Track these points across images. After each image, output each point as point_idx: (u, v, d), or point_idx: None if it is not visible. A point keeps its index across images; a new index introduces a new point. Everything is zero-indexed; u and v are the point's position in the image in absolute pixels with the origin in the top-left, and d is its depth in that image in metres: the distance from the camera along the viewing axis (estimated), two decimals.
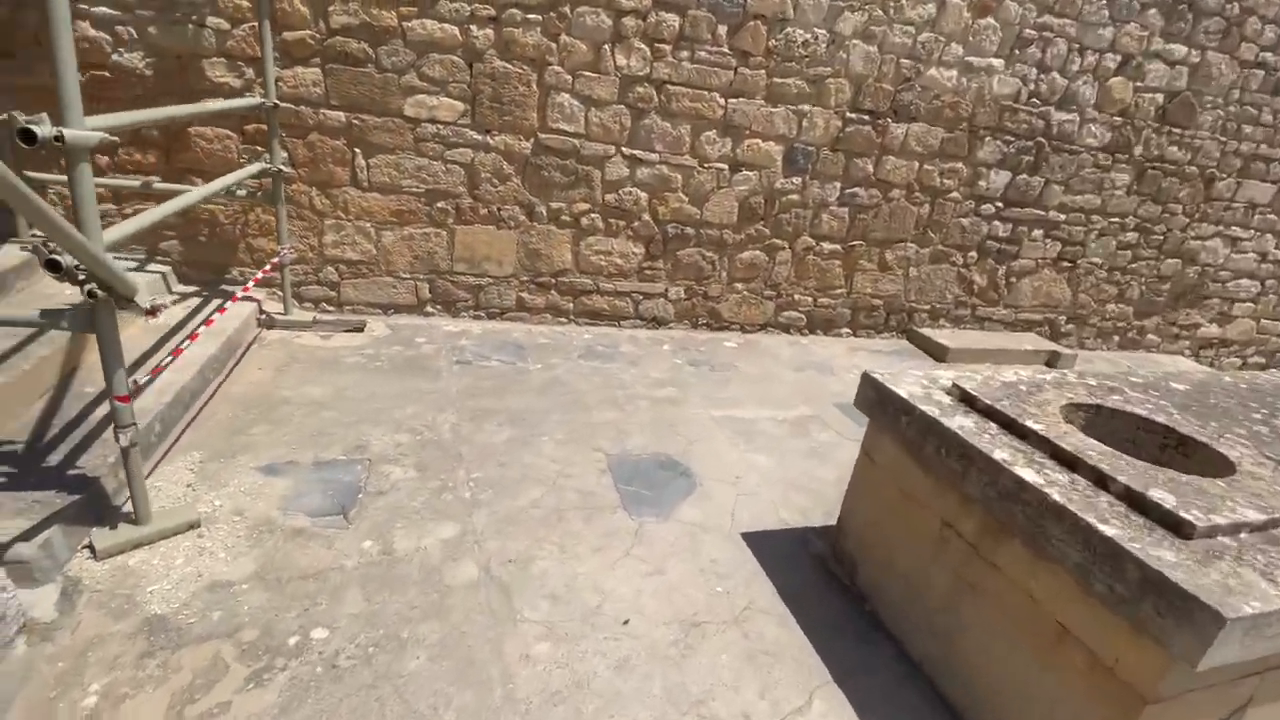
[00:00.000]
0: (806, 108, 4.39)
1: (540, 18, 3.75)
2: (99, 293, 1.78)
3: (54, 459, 2.20)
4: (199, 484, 2.44)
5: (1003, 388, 2.09)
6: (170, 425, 2.71)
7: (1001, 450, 1.75)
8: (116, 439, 1.96)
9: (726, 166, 4.42)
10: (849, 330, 5.28)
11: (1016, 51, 4.64)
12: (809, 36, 4.20)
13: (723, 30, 4.05)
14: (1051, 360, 5.34)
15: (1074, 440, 1.79)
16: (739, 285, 4.82)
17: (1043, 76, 4.77)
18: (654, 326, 4.74)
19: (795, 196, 4.65)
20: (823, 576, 2.40)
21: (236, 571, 2.05)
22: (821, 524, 2.68)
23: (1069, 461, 1.72)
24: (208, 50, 3.39)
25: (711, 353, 4.45)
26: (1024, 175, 5.08)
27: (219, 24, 3.35)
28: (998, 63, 4.63)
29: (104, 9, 3.19)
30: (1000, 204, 5.15)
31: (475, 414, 3.16)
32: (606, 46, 3.91)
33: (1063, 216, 5.36)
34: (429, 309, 4.26)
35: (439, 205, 4.01)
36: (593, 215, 4.30)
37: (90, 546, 2.01)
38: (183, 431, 2.74)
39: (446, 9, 3.61)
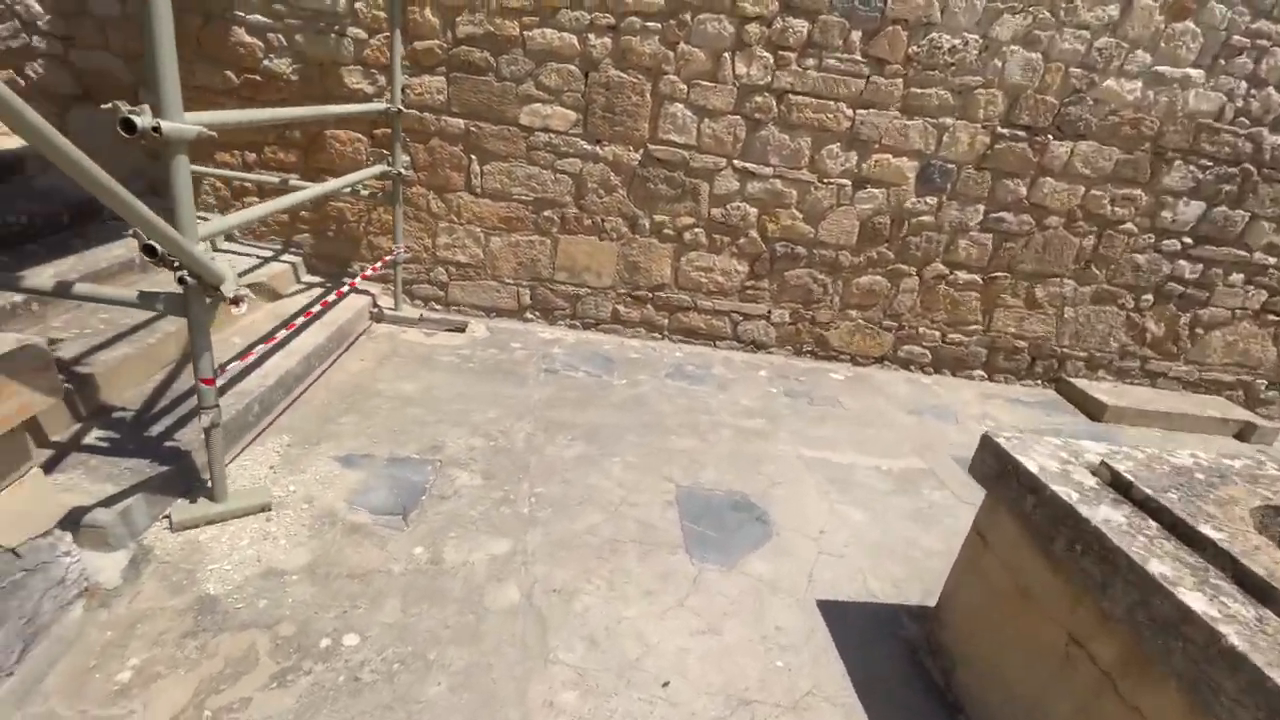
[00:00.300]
0: (949, 121, 3.93)
1: (659, 25, 3.65)
2: (189, 280, 1.86)
3: (155, 430, 2.37)
4: (281, 467, 2.53)
5: (1172, 474, 1.63)
6: (269, 407, 2.87)
7: (1162, 562, 1.33)
8: (200, 419, 2.05)
9: (849, 183, 4.05)
10: (983, 373, 4.66)
11: (1221, 61, 3.86)
12: (957, 42, 3.75)
13: (856, 36, 3.71)
14: (1244, 433, 4.38)
15: (1270, 560, 1.33)
16: (853, 312, 4.41)
17: (1255, 91, 3.93)
18: (752, 350, 4.45)
19: (928, 218, 4.18)
20: (910, 668, 2.02)
21: (291, 561, 2.07)
22: (918, 604, 2.28)
23: (1259, 590, 1.27)
24: (346, 58, 3.62)
25: (813, 384, 4.09)
26: (1223, 207, 4.21)
27: (357, 34, 3.57)
28: (1196, 74, 3.87)
29: (258, 17, 3.51)
30: (1189, 240, 4.31)
31: (551, 425, 3.08)
32: (726, 54, 3.72)
33: (1272, 259, 4.39)
34: (528, 315, 4.28)
35: (545, 214, 4.02)
36: (696, 230, 4.11)
37: (169, 517, 2.13)
38: (280, 414, 2.89)
39: (567, 18, 3.60)
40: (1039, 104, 3.91)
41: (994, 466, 1.83)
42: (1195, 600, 1.23)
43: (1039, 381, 4.71)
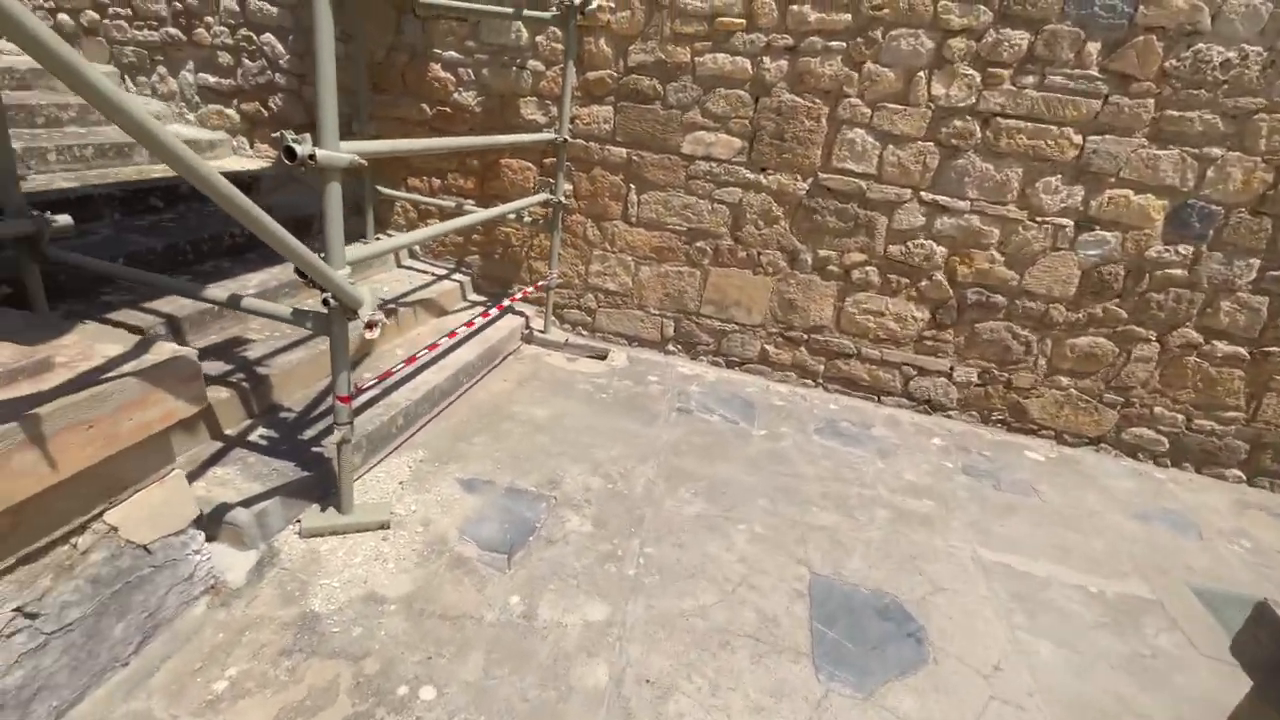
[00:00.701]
0: (1217, 151, 3.07)
1: (844, 45, 3.30)
2: (332, 302, 1.92)
3: (308, 433, 2.52)
4: (410, 483, 2.57)
5: None
6: (413, 420, 2.96)
7: None
8: (334, 433, 2.11)
9: (1070, 223, 3.33)
10: (1241, 474, 3.57)
11: None
12: (1232, 55, 2.92)
13: (1093, 48, 3.05)
14: None
15: None
16: (1063, 379, 3.61)
17: None
18: (925, 411, 3.83)
19: (1178, 272, 3.30)
20: None
21: (394, 589, 2.04)
22: None
23: None
24: (524, 90, 3.75)
25: (1002, 462, 3.39)
26: None
27: (536, 66, 3.68)
28: None
29: (452, 53, 3.76)
30: None
31: (674, 474, 2.83)
32: (921, 74, 3.26)
33: None
34: (670, 347, 4.10)
35: (698, 245, 3.82)
36: (868, 268, 3.64)
37: (300, 522, 2.22)
38: (421, 428, 2.97)
39: (741, 41, 3.40)
40: None
41: (1273, 652, 1.23)
42: None
43: None
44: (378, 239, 4.12)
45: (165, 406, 1.59)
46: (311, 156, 1.72)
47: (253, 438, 2.46)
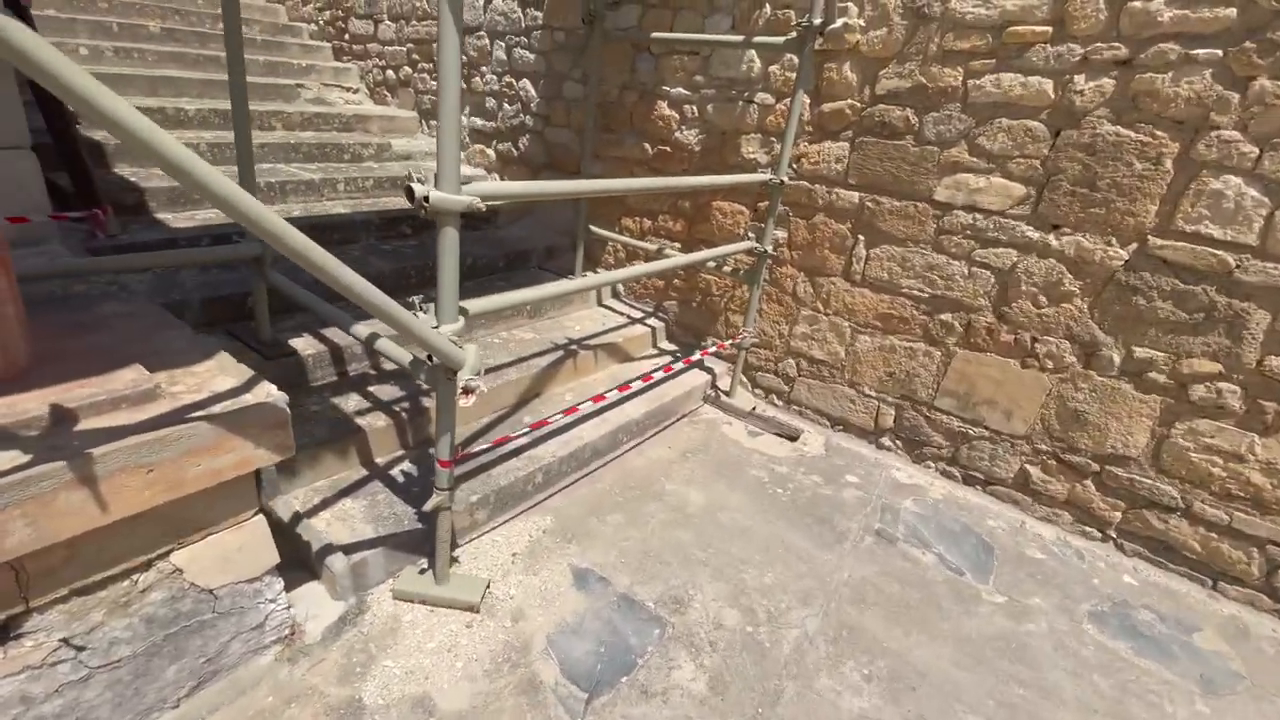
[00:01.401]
0: None
1: (1218, 53, 2.19)
2: (435, 358, 1.71)
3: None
4: (522, 557, 2.29)
5: None
6: (553, 480, 2.71)
7: None
8: (431, 498, 1.92)
9: None
10: None
11: None
12: None
13: None
14: None
15: None
16: None
17: None
18: None
19: None
20: None
21: (449, 700, 1.74)
22: None
23: None
24: (748, 126, 3.32)
25: None
26: None
27: (764, 99, 3.23)
28: None
29: (680, 90, 3.50)
30: None
31: (844, 635, 2.07)
32: None
33: None
34: (884, 441, 3.24)
35: (942, 318, 2.94)
36: (1222, 385, 2.38)
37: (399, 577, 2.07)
38: (560, 489, 2.70)
39: (1041, 56, 2.50)
40: None
41: None
42: None
43: None
44: (584, 275, 4.06)
45: (241, 454, 1.51)
46: (426, 198, 1.53)
47: (394, 472, 2.43)
